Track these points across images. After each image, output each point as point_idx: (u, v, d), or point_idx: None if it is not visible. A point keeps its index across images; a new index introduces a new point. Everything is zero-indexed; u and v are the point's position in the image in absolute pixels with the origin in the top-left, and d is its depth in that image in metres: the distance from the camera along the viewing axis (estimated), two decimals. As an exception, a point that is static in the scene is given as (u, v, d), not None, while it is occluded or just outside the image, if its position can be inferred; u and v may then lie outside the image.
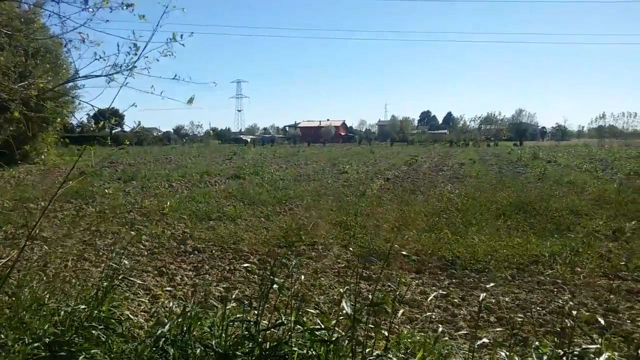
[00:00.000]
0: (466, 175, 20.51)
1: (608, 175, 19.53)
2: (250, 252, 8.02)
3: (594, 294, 6.12)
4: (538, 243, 8.28)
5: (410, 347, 4.06)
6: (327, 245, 8.43)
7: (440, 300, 5.95)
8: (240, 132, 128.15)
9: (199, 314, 4.20)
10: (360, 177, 20.35)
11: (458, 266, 7.27)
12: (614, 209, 11.34)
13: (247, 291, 6.08)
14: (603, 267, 7.10)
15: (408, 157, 33.77)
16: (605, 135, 72.57)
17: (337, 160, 31.41)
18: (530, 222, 10.03)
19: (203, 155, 40.07)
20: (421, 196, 14.36)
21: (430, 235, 8.89)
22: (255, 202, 13.08)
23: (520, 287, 6.41)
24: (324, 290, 6.16)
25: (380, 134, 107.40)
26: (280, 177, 20.44)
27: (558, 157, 30.91)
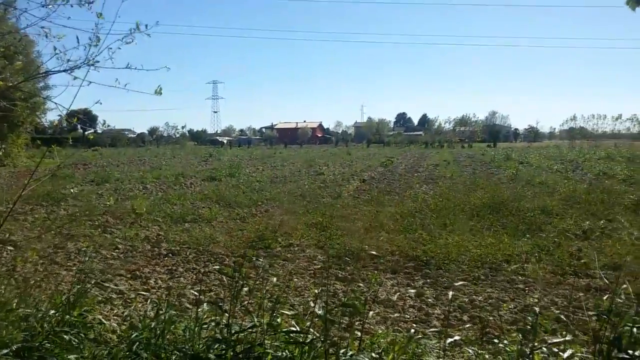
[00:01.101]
0: (441, 177, 20.76)
1: (578, 176, 19.99)
2: (225, 254, 7.98)
3: (563, 292, 6.26)
4: (510, 243, 8.44)
5: (384, 346, 4.09)
6: (303, 246, 8.44)
7: (415, 300, 6.02)
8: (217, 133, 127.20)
9: (173, 317, 4.16)
10: (336, 179, 20.41)
11: (432, 266, 7.36)
12: (584, 208, 11.62)
13: (222, 294, 6.05)
14: (573, 266, 7.27)
15: (384, 159, 33.99)
16: (575, 137, 74.27)
17: (314, 162, 31.45)
18: (502, 222, 10.21)
19: (178, 157, 39.69)
20: (397, 197, 14.49)
21: (405, 236, 8.98)
22: (231, 204, 13.02)
23: (493, 286, 6.52)
24: (299, 292, 6.17)
25: (356, 136, 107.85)
26: (257, 178, 20.37)
27: (530, 158, 31.49)
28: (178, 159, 37.43)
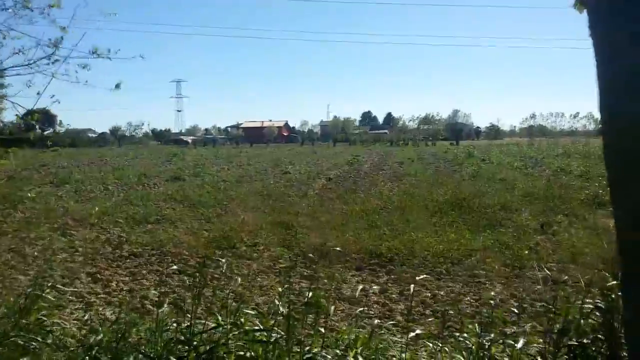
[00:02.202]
0: (405, 174, 21.04)
1: (537, 172, 20.58)
2: (189, 255, 7.89)
3: (522, 285, 6.45)
4: (471, 238, 8.63)
5: (348, 343, 4.13)
6: (268, 245, 8.43)
7: (379, 296, 6.09)
8: (181, 133, 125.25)
9: (135, 320, 4.10)
10: (302, 177, 20.43)
11: (396, 262, 7.46)
12: (542, 204, 11.98)
13: (184, 295, 5.98)
14: (531, 260, 7.48)
15: (350, 157, 34.20)
16: (535, 134, 76.51)
17: (280, 161, 31.39)
18: (464, 218, 10.43)
19: (141, 157, 38.96)
20: (362, 195, 14.61)
21: (369, 233, 9.07)
22: (195, 204, 12.87)
23: (455, 281, 6.65)
24: (264, 291, 6.17)
25: (322, 134, 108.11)
26: (222, 178, 20.20)
27: (491, 156, 32.23)
28: (141, 159, 36.77)
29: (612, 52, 1.49)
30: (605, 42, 1.51)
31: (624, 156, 1.49)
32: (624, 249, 1.53)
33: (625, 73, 1.45)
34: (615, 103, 1.50)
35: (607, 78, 1.51)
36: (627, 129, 1.46)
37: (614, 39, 1.48)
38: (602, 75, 1.52)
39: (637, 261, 1.49)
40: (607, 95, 1.52)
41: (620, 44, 1.45)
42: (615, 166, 1.54)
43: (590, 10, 1.57)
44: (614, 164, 1.54)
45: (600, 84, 1.53)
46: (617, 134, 1.52)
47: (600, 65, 1.53)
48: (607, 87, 1.51)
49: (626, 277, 1.54)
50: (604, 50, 1.52)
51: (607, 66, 1.51)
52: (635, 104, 1.43)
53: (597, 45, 1.54)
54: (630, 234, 1.49)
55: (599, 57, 1.53)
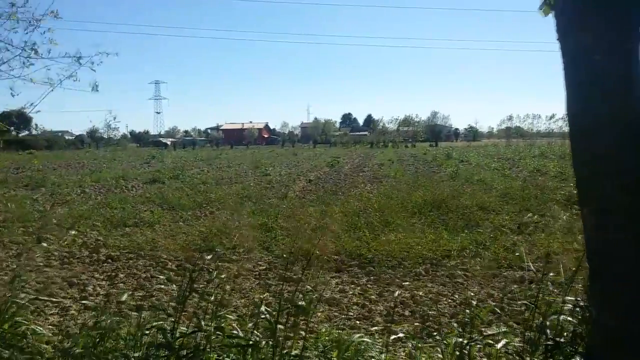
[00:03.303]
0: (385, 176, 21.16)
1: (514, 173, 20.90)
2: (168, 258, 7.83)
3: (499, 284, 6.55)
4: (450, 238, 8.73)
5: (328, 345, 4.15)
6: (249, 248, 8.40)
7: (359, 298, 6.12)
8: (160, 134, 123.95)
9: (114, 324, 4.05)
10: (282, 179, 20.40)
11: (376, 264, 7.50)
12: (519, 204, 12.17)
13: (164, 298, 5.93)
14: (508, 259, 7.60)
15: (330, 159, 34.24)
16: (512, 136, 77.61)
17: (260, 163, 31.28)
18: (443, 219, 10.53)
19: (119, 159, 38.46)
20: (342, 197, 14.65)
21: (349, 235, 9.11)
22: (174, 207, 12.76)
23: (433, 281, 6.72)
24: (244, 294, 6.15)
25: (303, 136, 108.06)
26: (202, 180, 20.06)
27: (470, 157, 32.64)
28: (119, 161, 36.29)
29: (578, 55, 1.53)
30: (571, 46, 1.55)
31: (589, 157, 1.54)
32: (590, 248, 1.58)
33: (589, 76, 1.50)
34: (580, 105, 1.55)
35: (573, 81, 1.56)
36: (592, 131, 1.51)
37: (579, 43, 1.52)
38: (568, 77, 1.57)
39: (601, 260, 1.54)
40: (573, 97, 1.56)
41: (585, 48, 1.50)
42: (582, 167, 1.59)
43: (557, 14, 1.61)
44: (580, 165, 1.59)
45: (567, 87, 1.58)
46: (582, 135, 1.56)
47: (567, 68, 1.57)
48: (573, 90, 1.56)
49: (592, 275, 1.59)
50: (569, 53, 1.56)
51: (573, 69, 1.56)
52: (599, 107, 1.48)
53: (563, 49, 1.58)
54: (595, 233, 1.54)
55: (566, 60, 1.58)
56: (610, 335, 1.56)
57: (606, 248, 1.52)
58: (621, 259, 1.49)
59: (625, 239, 1.47)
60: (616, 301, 1.53)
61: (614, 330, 1.53)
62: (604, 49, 1.48)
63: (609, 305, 1.57)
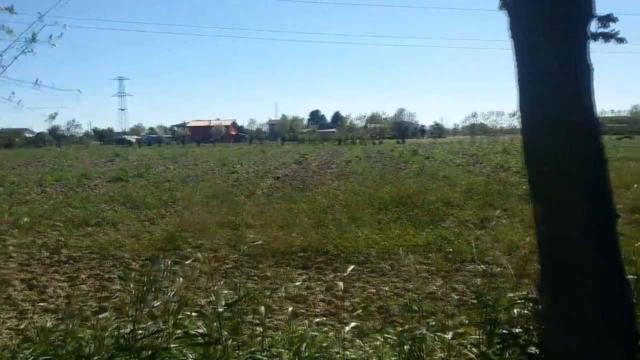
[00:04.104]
0: (352, 172, 21.28)
1: (478, 169, 21.32)
2: (131, 258, 7.69)
3: (462, 278, 6.68)
4: (415, 234, 8.85)
5: (292, 341, 4.15)
6: (214, 246, 8.33)
7: (325, 294, 6.15)
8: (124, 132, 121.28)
9: (73, 326, 3.96)
10: (250, 177, 20.29)
11: (342, 260, 7.54)
12: (482, 199, 12.43)
13: (127, 299, 5.83)
14: (471, 254, 7.75)
15: (298, 156, 34.23)
16: (476, 132, 79.11)
17: (228, 160, 31.02)
18: (408, 214, 10.67)
19: (82, 158, 37.53)
20: (309, 194, 14.67)
21: (316, 232, 9.13)
22: (139, 206, 12.54)
23: (399, 276, 6.81)
24: (208, 293, 6.08)
25: (271, 133, 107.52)
26: (167, 178, 19.77)
27: (435, 153, 33.11)
28: (82, 159, 35.41)
29: (528, 54, 1.58)
30: (523, 45, 1.60)
31: (540, 154, 1.59)
32: (541, 241, 1.63)
33: (539, 74, 1.55)
34: (530, 102, 1.60)
35: (523, 78, 1.61)
36: (542, 128, 1.56)
37: (530, 42, 1.57)
38: (520, 75, 1.61)
39: (551, 253, 1.59)
40: (524, 95, 1.61)
41: (535, 47, 1.54)
42: (533, 163, 1.64)
43: (510, 13, 1.65)
44: (532, 161, 1.64)
45: (518, 84, 1.62)
46: (533, 132, 1.61)
47: (518, 66, 1.62)
48: (524, 87, 1.61)
49: (543, 268, 1.64)
50: (521, 51, 1.60)
51: (524, 67, 1.60)
52: (548, 104, 1.53)
53: (515, 47, 1.63)
54: (545, 228, 1.59)
55: (518, 58, 1.62)
56: (560, 325, 1.62)
57: (556, 242, 1.58)
58: (570, 252, 1.54)
59: (574, 234, 1.52)
60: (565, 293, 1.58)
61: (564, 320, 1.59)
62: (553, 47, 1.53)
63: (558, 297, 1.62)
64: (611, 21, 1.87)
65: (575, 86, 1.53)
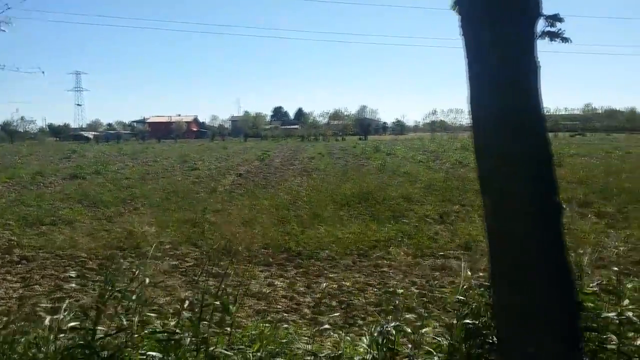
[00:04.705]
0: (315, 169, 21.34)
1: (437, 165, 21.72)
2: (88, 257, 7.50)
3: (422, 272, 6.81)
4: (377, 229, 8.96)
5: (253, 338, 4.15)
6: (175, 244, 8.21)
7: (287, 290, 6.16)
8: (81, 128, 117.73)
9: (26, 328, 3.83)
10: (211, 174, 20.06)
11: (304, 256, 7.57)
12: (441, 195, 12.68)
13: (84, 299, 5.69)
14: (431, 248, 7.91)
15: (261, 152, 34.02)
16: (436, 129, 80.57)
17: (189, 157, 30.56)
18: (370, 210, 10.79)
19: (36, 154, 36.26)
20: (272, 190, 14.63)
21: (278, 228, 9.12)
22: (96, 203, 12.23)
23: (360, 272, 6.88)
24: (169, 292, 6.00)
25: (233, 130, 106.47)
26: (126, 175, 19.34)
27: (396, 150, 33.49)
28: (36, 156, 34.21)
29: (478, 52, 1.62)
30: (472, 43, 1.64)
31: (488, 149, 1.65)
32: (489, 233, 1.69)
33: (488, 72, 1.60)
34: (480, 99, 1.65)
35: (473, 76, 1.65)
36: (491, 123, 1.61)
37: (479, 40, 1.61)
38: (470, 73, 1.66)
39: (499, 244, 1.65)
40: (473, 91, 1.66)
41: (484, 45, 1.59)
42: (482, 157, 1.69)
43: (461, 12, 1.69)
44: (481, 157, 1.69)
45: (469, 81, 1.67)
46: (482, 127, 1.67)
47: (469, 64, 1.66)
48: (474, 84, 1.66)
49: (492, 258, 1.70)
50: (471, 50, 1.65)
51: (474, 65, 1.65)
52: (497, 101, 1.58)
53: (466, 45, 1.67)
54: (494, 220, 1.65)
55: (468, 56, 1.67)
56: (510, 314, 1.68)
57: (504, 233, 1.63)
58: (516, 244, 1.60)
59: (521, 226, 1.58)
60: (511, 283, 1.64)
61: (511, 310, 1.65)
62: (501, 46, 1.58)
63: (505, 287, 1.68)
64: (557, 21, 1.94)
65: (522, 84, 1.59)
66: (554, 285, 1.55)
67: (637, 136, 57.71)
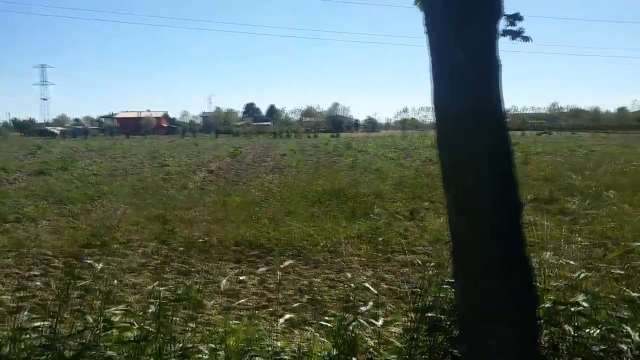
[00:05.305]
0: (287, 166, 21.32)
1: (408, 163, 21.97)
2: (53, 255, 7.33)
3: (391, 268, 6.89)
4: (347, 226, 9.01)
5: (223, 335, 4.14)
6: (143, 241, 8.10)
7: (257, 287, 6.16)
8: (47, 123, 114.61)
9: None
10: (182, 170, 19.84)
11: (275, 253, 7.56)
12: (411, 192, 12.83)
13: (48, 298, 5.57)
14: (400, 244, 8.00)
15: (232, 149, 33.76)
16: (407, 127, 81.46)
17: (158, 153, 30.13)
18: (341, 207, 10.85)
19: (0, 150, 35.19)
20: (243, 187, 14.57)
21: (249, 225, 9.09)
22: (62, 200, 11.97)
23: (331, 268, 6.92)
24: (137, 289, 5.93)
25: (204, 126, 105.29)
26: (93, 172, 18.96)
27: (368, 147, 33.73)
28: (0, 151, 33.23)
29: (441, 49, 1.66)
30: (436, 41, 1.68)
31: (451, 146, 1.69)
32: (452, 230, 1.73)
33: (451, 69, 1.64)
34: (443, 97, 1.69)
35: (437, 73, 1.69)
36: (453, 122, 1.65)
37: (442, 38, 1.65)
38: (434, 70, 1.70)
39: (462, 242, 1.70)
40: (437, 89, 1.70)
41: (447, 43, 1.63)
42: (445, 155, 1.73)
43: (425, 10, 1.73)
44: (444, 153, 1.74)
45: (432, 80, 1.71)
46: (445, 126, 1.71)
47: (432, 61, 1.70)
48: (437, 83, 1.69)
49: (454, 255, 1.75)
50: (434, 47, 1.69)
51: (437, 62, 1.69)
52: (459, 98, 1.62)
53: (430, 44, 1.71)
54: (456, 217, 1.69)
55: (431, 54, 1.70)
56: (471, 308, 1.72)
57: (465, 229, 1.68)
58: (477, 239, 1.65)
59: (482, 221, 1.63)
60: (472, 277, 1.69)
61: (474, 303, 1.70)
62: (464, 44, 1.62)
63: (466, 282, 1.73)
64: (518, 20, 2.00)
65: (484, 82, 1.63)
66: (514, 280, 1.61)
67: (601, 135, 59.53)
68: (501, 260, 1.61)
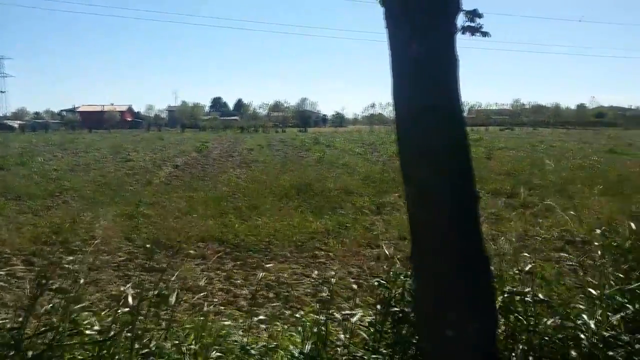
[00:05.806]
0: (254, 160, 21.22)
1: (375, 158, 22.15)
2: (12, 253, 7.12)
3: (358, 262, 6.96)
4: (315, 221, 9.05)
5: (189, 332, 4.11)
6: (106, 238, 7.94)
7: (224, 283, 6.13)
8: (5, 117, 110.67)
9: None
10: (146, 165, 19.50)
11: (242, 248, 7.54)
12: (378, 186, 12.96)
13: (7, 297, 5.42)
14: (367, 239, 8.09)
15: (199, 144, 33.33)
16: (375, 122, 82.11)
17: (122, 148, 29.53)
18: (309, 202, 10.88)
19: (-47, 144, 33.84)
20: (210, 182, 14.43)
21: (216, 221, 9.03)
22: (20, 197, 11.61)
23: (298, 263, 6.95)
24: (100, 287, 5.83)
25: (170, 120, 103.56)
26: (54, 167, 18.44)
27: (336, 142, 33.86)
28: (-48, 146, 31.92)
29: (400, 45, 1.68)
30: (395, 36, 1.70)
31: (410, 141, 1.73)
32: (411, 224, 1.77)
33: (409, 65, 1.67)
34: (402, 92, 1.72)
35: (396, 69, 1.71)
36: (411, 117, 1.69)
37: (401, 34, 1.68)
38: (393, 66, 1.72)
39: (420, 236, 1.74)
40: (396, 84, 1.72)
41: (406, 39, 1.65)
42: (404, 150, 1.77)
43: (385, 5, 1.75)
44: (403, 148, 1.77)
45: (392, 74, 1.73)
46: (404, 120, 1.74)
47: (392, 57, 1.72)
48: (396, 78, 1.72)
49: (413, 249, 1.79)
50: (394, 43, 1.71)
51: (396, 58, 1.71)
52: (418, 94, 1.65)
53: (389, 39, 1.73)
54: (415, 211, 1.74)
55: (391, 49, 1.72)
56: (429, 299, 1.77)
57: (424, 222, 1.72)
58: (435, 231, 1.69)
59: (439, 214, 1.67)
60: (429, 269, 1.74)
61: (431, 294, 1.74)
62: (422, 39, 1.64)
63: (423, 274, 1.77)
64: (477, 16, 2.05)
65: (443, 78, 1.67)
66: (471, 270, 1.66)
67: (561, 130, 61.37)
68: (459, 251, 1.65)
